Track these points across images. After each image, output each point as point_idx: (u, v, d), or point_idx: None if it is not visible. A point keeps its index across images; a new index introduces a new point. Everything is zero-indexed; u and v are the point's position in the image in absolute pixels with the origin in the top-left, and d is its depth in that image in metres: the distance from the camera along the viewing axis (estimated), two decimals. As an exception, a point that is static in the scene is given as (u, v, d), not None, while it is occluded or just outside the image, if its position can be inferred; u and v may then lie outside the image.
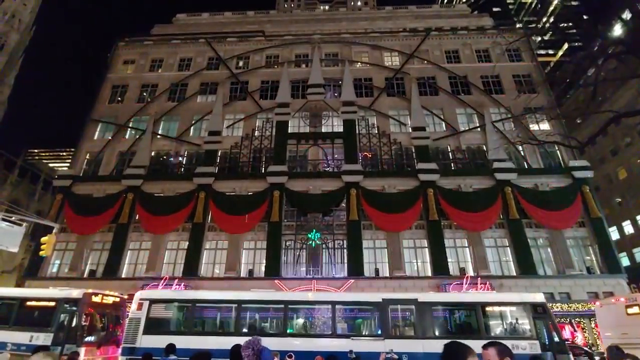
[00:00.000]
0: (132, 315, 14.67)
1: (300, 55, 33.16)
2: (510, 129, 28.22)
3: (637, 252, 35.44)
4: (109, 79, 32.79)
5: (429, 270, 23.64)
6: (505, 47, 31.61)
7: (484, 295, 15.32)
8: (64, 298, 15.29)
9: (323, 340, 13.82)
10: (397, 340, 13.25)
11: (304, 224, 24.99)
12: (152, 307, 14.71)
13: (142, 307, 14.63)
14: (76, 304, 14.86)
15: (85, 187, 27.02)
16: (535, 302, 13.91)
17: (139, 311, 14.55)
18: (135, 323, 14.38)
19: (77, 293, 15.27)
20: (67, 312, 14.96)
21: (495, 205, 24.59)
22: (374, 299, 14.89)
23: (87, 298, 15.12)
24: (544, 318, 13.48)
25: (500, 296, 15.72)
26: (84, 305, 14.83)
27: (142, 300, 14.84)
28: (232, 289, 22.89)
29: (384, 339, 13.33)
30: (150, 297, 15.26)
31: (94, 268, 24.97)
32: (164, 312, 15.11)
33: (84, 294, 15.19)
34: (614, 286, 22.10)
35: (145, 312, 14.50)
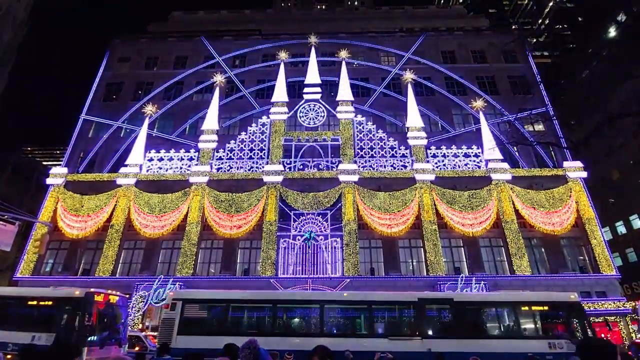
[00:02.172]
0: (165, 316, 14.55)
1: (297, 54, 33.10)
2: (505, 130, 28.41)
3: (630, 252, 35.76)
4: (104, 77, 32.50)
5: (424, 270, 23.74)
6: (501, 48, 31.98)
7: (519, 294, 15.37)
8: (66, 297, 14.95)
9: (360, 340, 13.72)
10: (435, 340, 13.21)
11: (299, 223, 24.96)
12: (186, 307, 14.60)
13: (175, 307, 14.52)
14: (79, 303, 14.48)
15: (79, 186, 26.77)
16: (570, 301, 14.02)
17: (172, 312, 14.43)
18: (169, 323, 14.25)
19: (79, 292, 14.86)
20: (69, 311, 14.59)
21: (490, 205, 24.75)
22: (409, 299, 14.87)
23: (90, 297, 14.74)
24: (579, 317, 13.61)
25: (535, 295, 15.72)
26: (86, 305, 14.49)
27: (175, 300, 14.72)
28: (227, 289, 22.89)
29: (421, 338, 13.30)
30: (183, 297, 15.11)
31: (87, 267, 24.76)
32: (198, 312, 14.97)
33: (87, 293, 14.79)
34: (607, 286, 22.33)
35: (179, 313, 14.40)
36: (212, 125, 28.47)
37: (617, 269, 23.45)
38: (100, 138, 29.13)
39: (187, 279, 23.19)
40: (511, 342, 13.13)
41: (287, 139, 28.26)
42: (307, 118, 29.23)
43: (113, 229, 25.05)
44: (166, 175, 26.82)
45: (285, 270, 23.72)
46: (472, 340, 13.09)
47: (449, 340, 13.34)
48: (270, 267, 23.51)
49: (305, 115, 29.33)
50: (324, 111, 29.36)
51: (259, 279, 23.10)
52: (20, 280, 23.63)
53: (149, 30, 37.59)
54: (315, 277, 22.98)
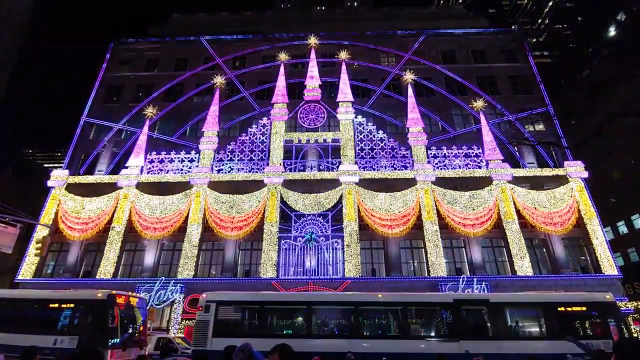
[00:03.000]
0: (199, 318, 14.49)
1: (297, 55, 33.11)
2: (505, 130, 28.39)
3: (631, 252, 35.69)
4: (105, 79, 32.56)
5: (426, 271, 23.71)
6: (501, 48, 31.97)
7: (555, 295, 15.32)
8: (88, 299, 14.83)
9: (395, 342, 13.64)
10: (471, 342, 13.11)
11: (300, 224, 24.95)
12: (220, 309, 14.55)
13: (209, 309, 14.47)
14: (101, 306, 14.35)
15: (80, 188, 26.80)
16: (606, 301, 14.01)
17: (206, 314, 14.38)
18: (203, 326, 14.18)
19: (102, 294, 14.73)
20: (92, 313, 14.44)
21: (491, 206, 24.71)
22: (445, 300, 14.89)
23: (112, 299, 14.61)
24: (614, 316, 13.64)
25: (571, 295, 15.67)
26: (109, 307, 14.36)
27: (209, 302, 14.65)
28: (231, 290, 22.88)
29: (458, 340, 13.21)
30: (217, 299, 15.02)
31: (89, 269, 24.78)
32: (232, 314, 14.92)
33: (109, 294, 14.68)
34: (609, 286, 22.24)
35: (213, 315, 14.35)
36: (212, 127, 28.48)
37: (619, 269, 23.39)
38: (101, 140, 29.18)
39: (188, 281, 23.18)
40: (549, 343, 13.06)
41: (287, 140, 28.26)
42: (308, 119, 29.24)
43: (114, 230, 25.06)
44: (167, 177, 26.83)
45: (286, 271, 23.70)
46: (509, 342, 13.00)
47: (486, 341, 13.26)
48: (272, 269, 23.49)
49: (305, 117, 29.34)
50: (324, 112, 29.37)
51: (260, 281, 23.09)
52: (21, 283, 23.63)
53: (150, 32, 37.61)
54: (316, 279, 22.97)
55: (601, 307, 13.88)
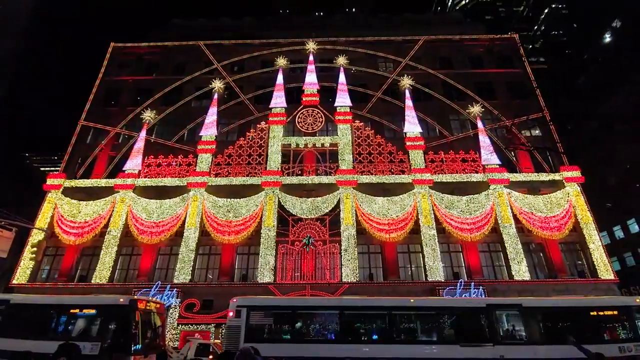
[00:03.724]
0: (230, 323, 14.41)
1: (295, 60, 33.28)
2: (502, 135, 28.56)
3: (628, 257, 35.84)
4: (103, 82, 32.57)
5: (423, 275, 23.69)
6: (498, 54, 32.28)
7: (586, 299, 15.30)
8: (111, 305, 14.68)
9: (431, 347, 13.56)
10: (506, 347, 13.06)
11: (298, 229, 24.91)
12: (251, 314, 14.48)
13: (240, 314, 14.42)
14: (124, 311, 14.17)
15: (77, 192, 26.69)
16: (636, 304, 14.21)
17: (237, 318, 14.33)
18: (235, 331, 14.11)
19: (124, 299, 14.61)
20: (114, 319, 14.26)
21: (488, 210, 24.78)
22: (478, 304, 14.84)
23: (134, 304, 14.47)
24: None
25: (602, 300, 15.68)
26: (131, 312, 14.18)
27: (240, 307, 14.61)
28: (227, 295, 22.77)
29: (493, 345, 13.17)
30: (248, 304, 14.97)
31: (84, 274, 24.61)
32: (264, 319, 14.85)
33: (131, 300, 14.56)
34: (606, 290, 22.32)
35: (245, 320, 14.30)
36: (210, 131, 28.49)
37: (616, 274, 23.44)
38: (99, 144, 29.12)
39: (184, 286, 23.06)
40: (587, 347, 13.17)
41: (285, 144, 28.29)
42: (306, 124, 29.31)
43: (110, 235, 24.93)
44: (164, 181, 26.76)
45: (283, 276, 23.62)
46: (544, 347, 13.01)
47: (520, 346, 13.24)
48: (269, 273, 23.40)
49: (303, 121, 29.41)
50: (322, 117, 29.46)
51: (258, 285, 22.99)
52: (16, 288, 23.41)
53: (149, 37, 37.73)
54: (313, 283, 22.90)
55: (632, 310, 14.05)
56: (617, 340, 13.39)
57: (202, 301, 22.37)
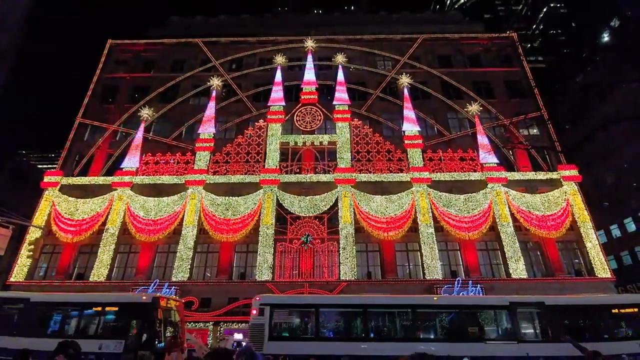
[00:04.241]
0: (254, 321, 14.34)
1: (294, 58, 33.21)
2: (500, 134, 28.62)
3: (624, 255, 35.99)
4: (101, 80, 32.42)
5: (421, 274, 23.75)
6: (496, 53, 32.28)
7: (608, 297, 15.40)
8: (134, 303, 14.72)
9: (455, 345, 13.57)
10: (530, 344, 13.14)
11: (296, 227, 24.90)
12: (274, 312, 14.48)
13: (263, 312, 14.39)
14: (147, 309, 14.20)
15: (74, 189, 26.60)
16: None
17: (260, 317, 14.29)
18: (259, 329, 14.07)
19: (146, 297, 14.70)
20: (137, 317, 14.26)
21: (486, 209, 24.84)
22: (501, 302, 14.84)
23: (157, 302, 14.51)
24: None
25: (622, 297, 15.78)
26: (154, 310, 14.20)
27: (263, 305, 14.57)
28: (225, 293, 22.80)
29: (517, 342, 13.24)
30: (271, 302, 14.98)
31: (82, 271, 24.55)
32: (287, 317, 14.91)
33: (153, 297, 14.61)
34: (603, 289, 22.40)
35: (268, 318, 14.28)
36: (208, 129, 28.42)
37: (612, 272, 23.58)
38: (96, 141, 29.00)
39: (183, 283, 23.04)
40: (605, 344, 13.20)
41: (283, 142, 28.26)
42: (304, 122, 29.27)
43: (108, 232, 24.87)
44: (162, 179, 26.69)
45: (281, 274, 23.63)
46: (567, 344, 13.14)
47: (544, 344, 13.34)
48: (267, 271, 23.41)
49: (301, 119, 29.37)
50: (320, 115, 29.42)
51: (255, 283, 23.00)
52: (13, 285, 23.34)
53: (147, 34, 37.55)
54: (312, 281, 22.92)
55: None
56: (639, 337, 13.55)
57: (200, 299, 22.38)
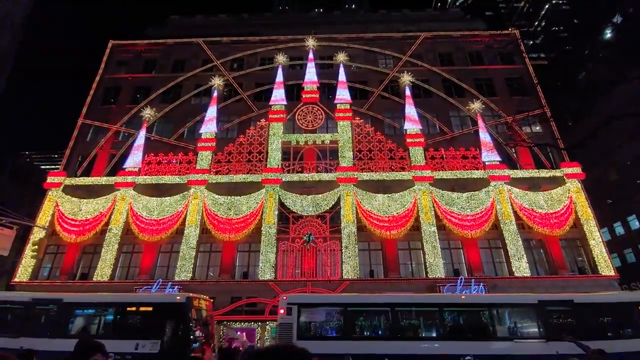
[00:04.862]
0: (282, 321, 14.35)
1: (295, 57, 33.18)
2: (502, 132, 28.52)
3: (628, 253, 35.86)
4: (102, 81, 32.50)
5: (424, 272, 23.73)
6: (498, 50, 32.18)
7: (633, 294, 15.35)
8: (168, 303, 14.77)
9: (484, 343, 13.56)
10: (559, 342, 13.04)
11: (298, 226, 24.91)
12: (302, 311, 14.51)
13: (291, 311, 14.41)
14: (181, 308, 14.30)
15: (77, 190, 26.69)
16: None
17: (288, 316, 14.31)
18: (287, 328, 14.10)
19: (180, 297, 14.74)
20: (172, 317, 14.31)
21: (489, 207, 24.78)
22: (530, 301, 14.82)
23: (190, 302, 14.61)
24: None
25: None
26: (188, 310, 14.29)
27: (290, 304, 14.59)
28: (228, 292, 22.84)
29: (546, 341, 13.24)
30: (298, 301, 15.04)
31: (85, 271, 24.65)
32: (315, 316, 14.89)
33: (187, 297, 14.68)
34: (606, 287, 22.33)
35: (296, 317, 14.30)
36: (210, 129, 28.45)
37: (616, 270, 23.49)
38: (99, 142, 29.09)
39: (186, 283, 23.10)
40: (633, 342, 13.19)
41: (285, 141, 28.26)
42: (306, 121, 29.26)
43: (111, 232, 24.95)
44: (164, 179, 26.76)
45: (284, 273, 23.66)
46: (596, 342, 13.13)
47: (573, 342, 13.37)
48: (270, 270, 23.45)
49: (303, 118, 29.36)
50: (322, 114, 29.40)
51: (258, 282, 23.04)
52: (18, 286, 23.47)
53: (148, 34, 37.61)
54: (314, 280, 22.94)
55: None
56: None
57: (203, 298, 22.41)
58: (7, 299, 17.50)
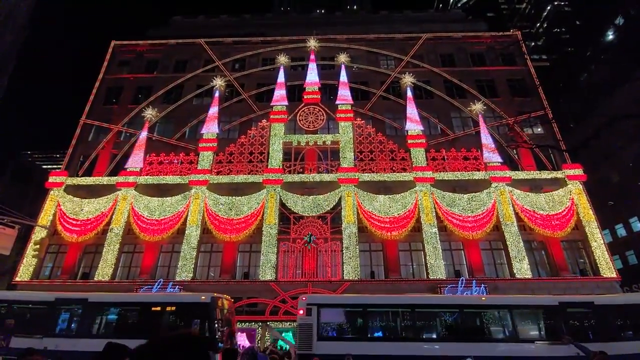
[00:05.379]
0: (301, 322, 14.33)
1: (296, 58, 33.22)
2: (504, 133, 28.48)
3: (630, 255, 35.75)
4: (104, 81, 32.59)
5: (425, 273, 23.69)
6: (500, 51, 32.16)
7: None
8: (193, 302, 14.75)
9: (505, 345, 13.56)
10: (581, 344, 13.16)
11: (299, 227, 24.92)
12: (322, 312, 14.49)
13: (311, 312, 14.41)
14: (207, 308, 14.28)
15: (79, 189, 26.76)
16: None
17: (308, 317, 14.29)
18: (307, 329, 14.07)
19: (205, 297, 14.70)
20: (198, 316, 14.30)
21: (490, 208, 24.74)
22: (550, 303, 14.81)
23: (215, 302, 14.60)
24: None
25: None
26: (213, 310, 14.29)
27: (310, 305, 14.57)
28: (229, 293, 22.83)
29: (568, 343, 13.20)
30: (318, 302, 15.02)
31: (87, 271, 24.70)
32: (335, 317, 14.90)
33: (212, 297, 14.65)
34: (608, 289, 22.28)
35: (316, 318, 14.28)
36: (212, 129, 28.50)
37: (618, 272, 23.42)
38: (100, 142, 29.16)
39: (186, 283, 23.12)
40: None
41: (286, 142, 28.28)
42: (307, 121, 29.28)
43: (112, 232, 25.00)
44: (166, 179, 26.79)
45: (285, 273, 23.66)
46: (618, 343, 13.10)
47: (595, 344, 13.33)
48: (271, 271, 23.45)
49: (304, 119, 29.38)
50: (323, 115, 29.42)
51: (259, 283, 23.04)
52: (19, 285, 23.52)
53: (150, 35, 37.70)
54: (315, 281, 22.94)
55: None
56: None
57: (203, 299, 22.41)
58: (29, 299, 17.32)
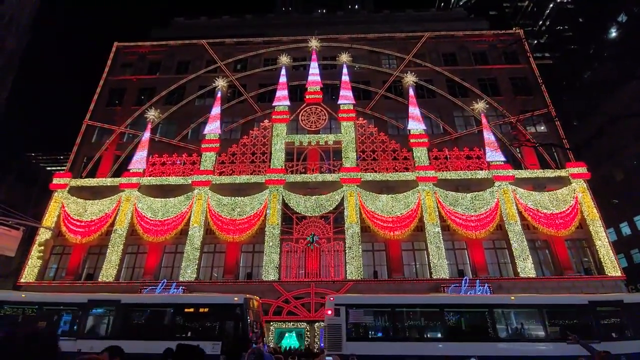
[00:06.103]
0: (330, 322, 14.38)
1: (298, 58, 33.23)
2: (507, 132, 28.36)
3: (635, 253, 35.53)
4: (107, 82, 32.72)
5: (428, 273, 23.65)
6: (502, 50, 32.01)
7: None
8: (227, 304, 14.84)
9: (535, 345, 13.58)
10: (612, 343, 13.02)
11: (302, 227, 24.93)
12: (350, 312, 14.53)
13: (339, 312, 14.46)
14: (240, 309, 14.38)
15: (83, 191, 26.89)
16: None
17: (336, 317, 14.34)
18: (336, 329, 14.12)
19: (238, 298, 14.82)
20: (231, 318, 14.41)
21: (493, 207, 24.65)
22: (581, 301, 14.81)
23: (247, 302, 14.69)
24: None
25: None
26: (245, 310, 14.37)
27: (338, 305, 14.63)
28: (232, 292, 22.88)
29: (599, 341, 13.15)
30: (346, 302, 15.07)
31: (91, 272, 24.82)
32: (363, 317, 14.92)
33: (244, 298, 14.75)
34: (613, 288, 22.15)
35: (344, 318, 14.33)
36: (214, 130, 28.56)
37: (622, 270, 23.27)
38: (104, 143, 29.30)
39: (190, 283, 23.19)
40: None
41: (289, 142, 28.29)
42: (309, 121, 29.28)
43: (116, 233, 25.12)
44: (169, 180, 26.88)
45: (288, 273, 23.68)
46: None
47: (626, 342, 13.27)
48: (274, 271, 23.48)
49: (306, 119, 29.38)
50: (325, 114, 29.41)
51: (262, 283, 23.08)
52: (24, 286, 23.67)
53: (152, 36, 37.84)
54: (318, 281, 22.95)
55: None
56: None
57: (207, 299, 22.45)
58: (60, 301, 17.31)
